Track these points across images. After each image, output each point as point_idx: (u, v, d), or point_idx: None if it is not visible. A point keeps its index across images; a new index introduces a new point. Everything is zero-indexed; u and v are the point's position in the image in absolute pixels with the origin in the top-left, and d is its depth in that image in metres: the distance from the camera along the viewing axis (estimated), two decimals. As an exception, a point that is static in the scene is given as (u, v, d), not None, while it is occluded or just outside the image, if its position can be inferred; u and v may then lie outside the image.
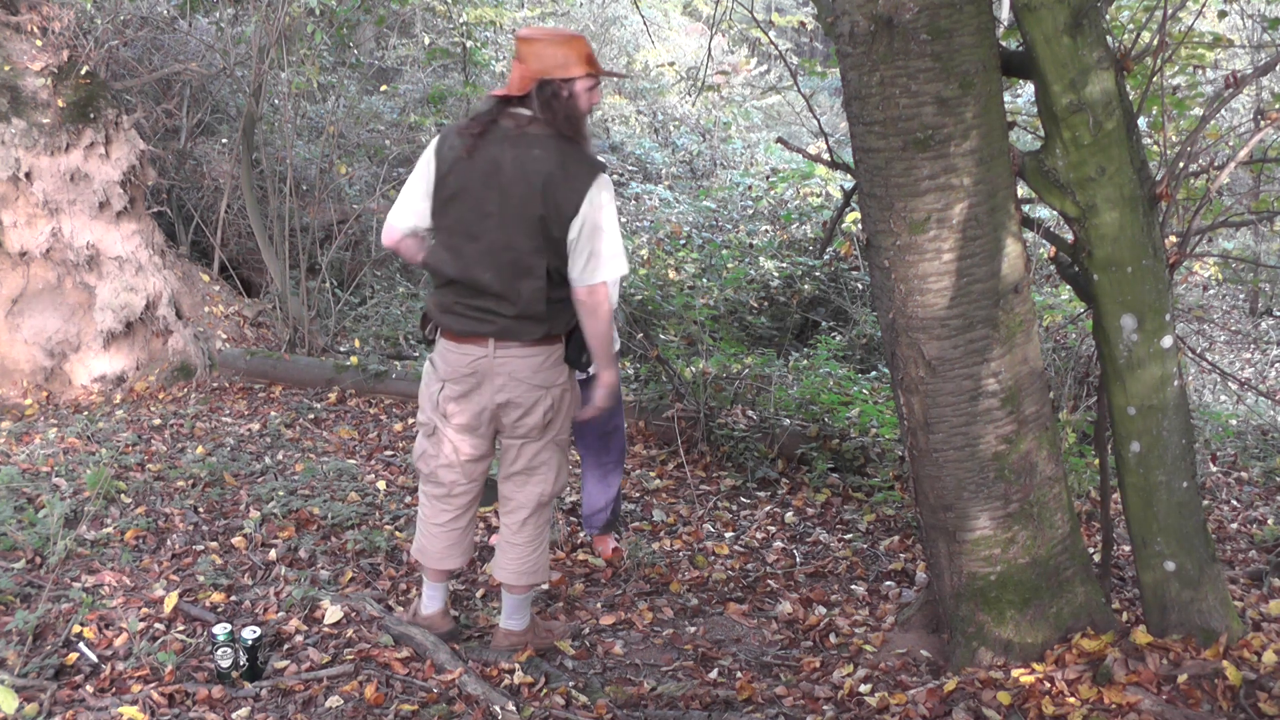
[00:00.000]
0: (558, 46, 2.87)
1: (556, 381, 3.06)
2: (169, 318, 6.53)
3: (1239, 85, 3.12)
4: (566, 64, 2.86)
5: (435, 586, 3.36)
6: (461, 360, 3.01)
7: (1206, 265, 7.23)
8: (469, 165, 2.89)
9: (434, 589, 3.36)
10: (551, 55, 2.86)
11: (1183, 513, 2.96)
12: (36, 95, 6.16)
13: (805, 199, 8.37)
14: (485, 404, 3.04)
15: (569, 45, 2.89)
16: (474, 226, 2.91)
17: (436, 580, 3.35)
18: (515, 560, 3.23)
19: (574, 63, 2.87)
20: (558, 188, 2.84)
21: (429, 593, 3.37)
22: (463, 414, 3.07)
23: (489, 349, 2.97)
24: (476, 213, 2.90)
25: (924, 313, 2.87)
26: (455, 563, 3.30)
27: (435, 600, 3.37)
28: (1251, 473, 5.85)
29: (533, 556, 3.24)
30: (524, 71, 2.87)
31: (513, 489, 3.20)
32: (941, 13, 2.62)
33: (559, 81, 2.86)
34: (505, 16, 10.35)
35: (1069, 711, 2.75)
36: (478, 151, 2.88)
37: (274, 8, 6.77)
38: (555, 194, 2.84)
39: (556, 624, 3.53)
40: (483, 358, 2.99)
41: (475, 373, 3.01)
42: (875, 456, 5.32)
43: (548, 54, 2.86)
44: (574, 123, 2.89)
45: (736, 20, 10.43)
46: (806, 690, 3.17)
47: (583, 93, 2.90)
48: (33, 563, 3.74)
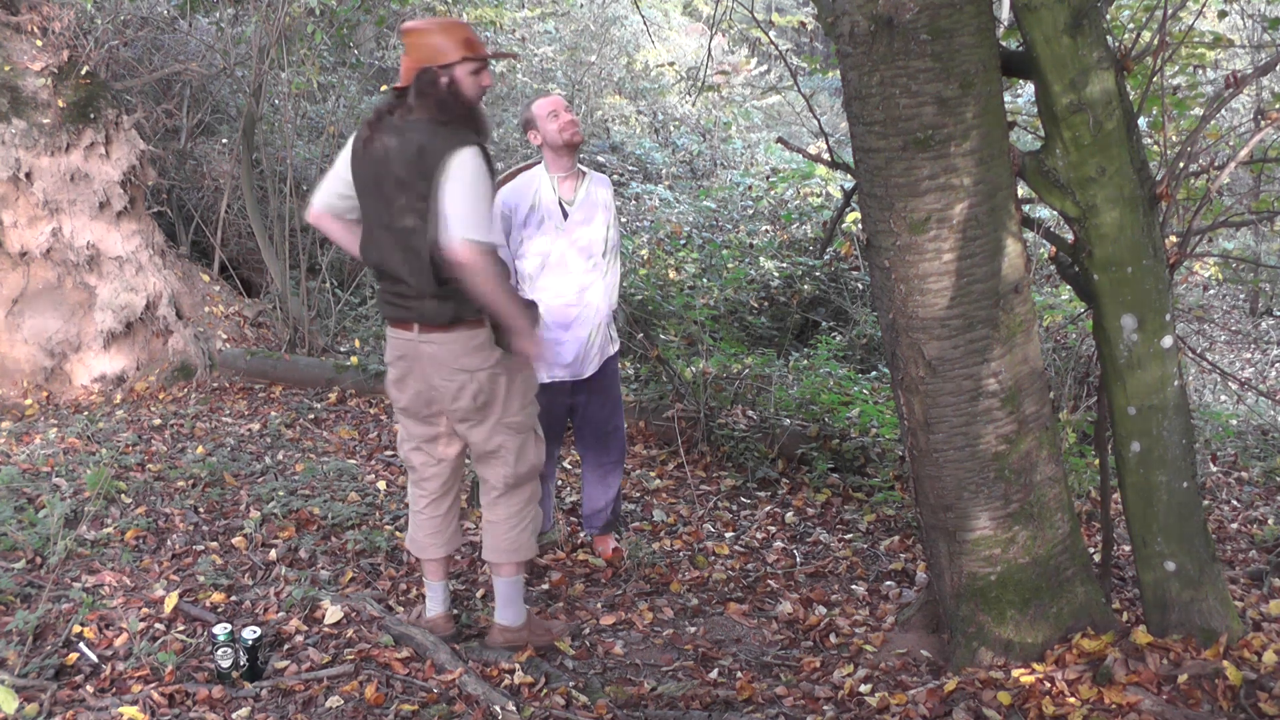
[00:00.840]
0: (435, 35, 2.95)
1: (483, 365, 3.08)
2: (169, 318, 6.53)
3: (1239, 85, 3.12)
4: (443, 51, 2.94)
5: (435, 587, 3.37)
6: (395, 345, 3.14)
7: (1206, 265, 7.23)
8: (365, 156, 3.01)
9: (434, 590, 3.37)
10: (429, 44, 2.94)
11: (1183, 513, 2.96)
12: (36, 95, 6.16)
13: (805, 199, 8.37)
14: (418, 387, 3.14)
15: (446, 32, 2.96)
16: (377, 214, 3.01)
17: (435, 578, 3.37)
18: (493, 536, 3.27)
19: (451, 49, 2.94)
20: (423, 162, 2.90)
21: (430, 594, 3.39)
22: (403, 397, 3.20)
23: (414, 334, 3.06)
24: (376, 201, 3.00)
25: (924, 313, 2.87)
26: (439, 551, 3.34)
27: (437, 603, 3.38)
28: (1251, 473, 5.85)
29: (510, 534, 3.26)
30: (407, 63, 2.97)
31: (481, 469, 3.28)
32: (941, 13, 2.62)
33: (436, 69, 2.94)
34: (505, 16, 10.35)
35: (1069, 711, 2.75)
36: (372, 143, 2.99)
37: (274, 8, 6.77)
38: (422, 168, 2.90)
39: (555, 623, 3.53)
40: (409, 342, 3.08)
41: (405, 356, 3.12)
42: (875, 456, 5.32)
43: (425, 43, 2.94)
44: (447, 107, 2.93)
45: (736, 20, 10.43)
46: (806, 690, 3.17)
47: (465, 78, 2.96)
48: (33, 563, 3.74)
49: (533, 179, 3.87)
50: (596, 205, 3.91)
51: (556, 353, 3.89)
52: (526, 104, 3.93)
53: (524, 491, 3.27)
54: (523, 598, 3.37)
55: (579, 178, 3.90)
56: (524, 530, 3.28)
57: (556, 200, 3.85)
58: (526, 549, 3.30)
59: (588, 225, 3.88)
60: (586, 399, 4.05)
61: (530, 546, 3.31)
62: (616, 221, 4.03)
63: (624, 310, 6.04)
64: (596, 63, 12.94)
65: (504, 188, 3.93)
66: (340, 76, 8.95)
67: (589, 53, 12.87)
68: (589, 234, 3.88)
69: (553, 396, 4.00)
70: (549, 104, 3.81)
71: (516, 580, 3.33)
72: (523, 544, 3.29)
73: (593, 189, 3.91)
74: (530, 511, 3.30)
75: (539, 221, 3.85)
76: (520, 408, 3.18)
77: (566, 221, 3.86)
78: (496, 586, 3.33)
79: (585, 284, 3.91)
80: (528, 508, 3.29)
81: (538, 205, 3.84)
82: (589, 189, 3.90)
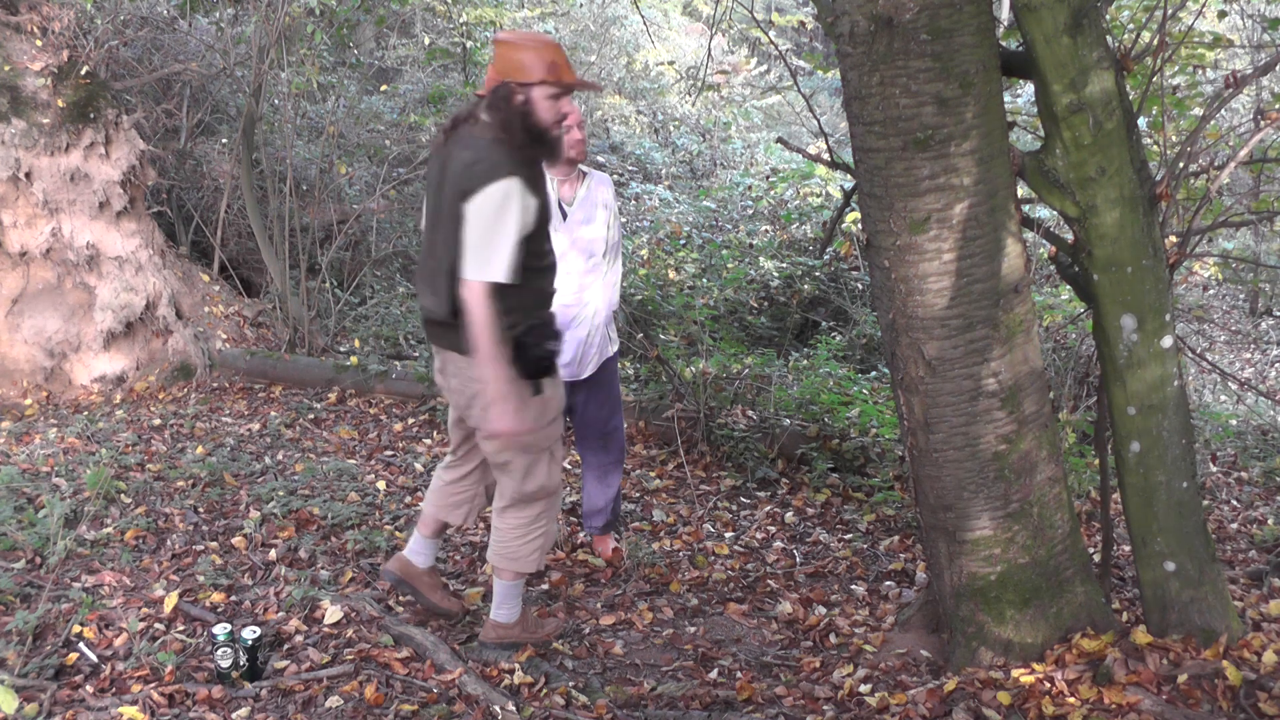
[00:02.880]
0: (524, 51, 2.87)
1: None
2: (169, 318, 6.53)
3: (1239, 85, 3.12)
4: (526, 68, 2.86)
5: (415, 536, 3.46)
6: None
7: (1206, 265, 7.23)
8: (434, 160, 3.01)
9: (414, 538, 3.46)
10: (514, 59, 2.87)
11: (1183, 513, 2.96)
12: (36, 95, 6.16)
13: (805, 199, 8.37)
14: (445, 382, 3.17)
15: (535, 50, 2.88)
16: (431, 219, 3.00)
17: (420, 529, 3.44)
18: (497, 541, 3.27)
19: (535, 68, 2.86)
20: (467, 181, 2.83)
21: (410, 540, 3.47)
22: (440, 378, 3.22)
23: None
24: (433, 206, 2.99)
25: (924, 313, 2.87)
26: (430, 506, 3.42)
27: (411, 550, 3.45)
28: (1251, 473, 5.85)
29: (513, 544, 3.23)
30: (491, 73, 2.92)
31: (496, 474, 3.26)
32: (941, 13, 2.62)
33: (515, 85, 2.87)
34: (505, 16, 10.35)
35: (1069, 711, 2.75)
36: (443, 148, 2.96)
37: (274, 8, 6.77)
38: (464, 187, 2.83)
39: (550, 621, 3.52)
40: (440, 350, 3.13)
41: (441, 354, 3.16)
42: (875, 456, 5.32)
43: (511, 57, 2.87)
44: (512, 127, 2.86)
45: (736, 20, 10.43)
46: (806, 690, 3.17)
47: (541, 100, 2.88)
48: (33, 563, 3.74)
49: None
50: (596, 204, 3.91)
51: None
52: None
53: (533, 508, 3.22)
54: (520, 597, 3.36)
55: (580, 179, 3.91)
56: (529, 543, 3.24)
57: (556, 201, 3.86)
58: (527, 562, 3.26)
59: (588, 224, 3.89)
60: (586, 399, 4.05)
61: (532, 561, 3.26)
62: (618, 221, 4.03)
63: (624, 310, 6.04)
64: (596, 63, 12.94)
65: None
66: (340, 76, 8.95)
67: (589, 53, 12.87)
68: (589, 233, 3.89)
69: (553, 396, 4.01)
70: (573, 113, 3.78)
71: (514, 584, 3.32)
72: (523, 556, 3.25)
73: (593, 188, 3.92)
74: (540, 528, 3.23)
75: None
76: (534, 429, 3.05)
77: (566, 221, 3.86)
78: (494, 584, 3.34)
79: (585, 284, 3.91)
80: (536, 524, 3.23)
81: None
82: (589, 189, 3.91)
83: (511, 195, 2.80)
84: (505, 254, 2.81)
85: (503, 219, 2.80)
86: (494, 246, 2.80)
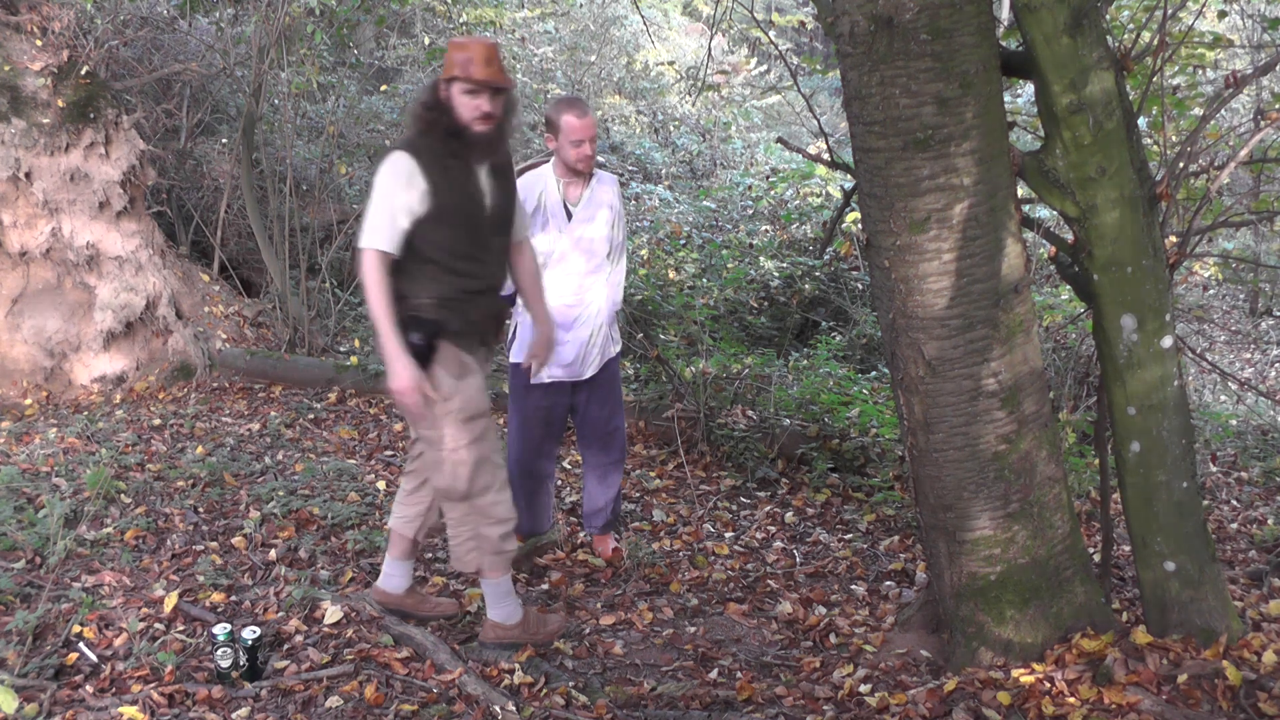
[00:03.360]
0: (453, 50, 2.99)
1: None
2: (169, 318, 6.53)
3: (1239, 85, 3.12)
4: (448, 66, 3.00)
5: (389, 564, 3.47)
6: None
7: (1206, 265, 7.23)
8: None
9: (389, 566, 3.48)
10: (447, 58, 3.00)
11: (1183, 513, 2.96)
12: (36, 95, 6.16)
13: (805, 199, 8.36)
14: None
15: (459, 49, 2.99)
16: None
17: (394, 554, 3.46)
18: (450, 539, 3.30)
19: (452, 65, 2.98)
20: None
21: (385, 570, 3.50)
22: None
23: None
24: None
25: (924, 312, 2.87)
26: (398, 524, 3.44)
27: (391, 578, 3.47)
28: (1251, 473, 5.85)
29: (454, 541, 3.24)
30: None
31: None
32: (941, 13, 2.62)
33: (441, 81, 3.00)
34: (505, 16, 10.35)
35: (1069, 711, 2.75)
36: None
37: (274, 8, 6.77)
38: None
39: (552, 618, 3.50)
40: None
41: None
42: (875, 456, 5.32)
43: (447, 57, 3.01)
44: (418, 119, 3.02)
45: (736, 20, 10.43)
46: (806, 690, 3.17)
47: (458, 95, 3.00)
48: (33, 563, 3.74)
49: (539, 178, 3.88)
50: (600, 204, 3.91)
51: (556, 353, 3.89)
52: (556, 102, 3.89)
53: (454, 509, 3.19)
54: (512, 595, 3.35)
55: (586, 180, 3.91)
56: (460, 543, 3.22)
57: (561, 202, 3.86)
58: (463, 562, 3.24)
59: (590, 224, 3.89)
60: (587, 399, 4.05)
61: (466, 561, 3.23)
62: (623, 221, 4.02)
63: (624, 310, 6.04)
64: (596, 63, 12.94)
65: None
66: (340, 76, 8.95)
67: (589, 53, 12.87)
68: (592, 232, 3.89)
69: (553, 396, 4.00)
70: (580, 129, 3.74)
71: (497, 582, 3.29)
72: (461, 556, 3.23)
73: (598, 189, 3.91)
74: (466, 532, 3.20)
75: (543, 221, 3.86)
76: (440, 426, 3.06)
77: (570, 222, 3.87)
78: (482, 585, 3.35)
79: (587, 284, 3.91)
80: (462, 525, 3.19)
81: (542, 205, 3.85)
82: (594, 190, 3.91)
83: (396, 170, 2.96)
84: (381, 223, 2.96)
85: (382, 189, 2.97)
86: (374, 214, 2.97)
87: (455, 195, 3.04)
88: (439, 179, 3.00)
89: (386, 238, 2.96)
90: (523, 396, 4.02)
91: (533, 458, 4.06)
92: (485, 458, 3.14)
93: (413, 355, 2.98)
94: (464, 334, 3.10)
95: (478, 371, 3.16)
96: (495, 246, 3.19)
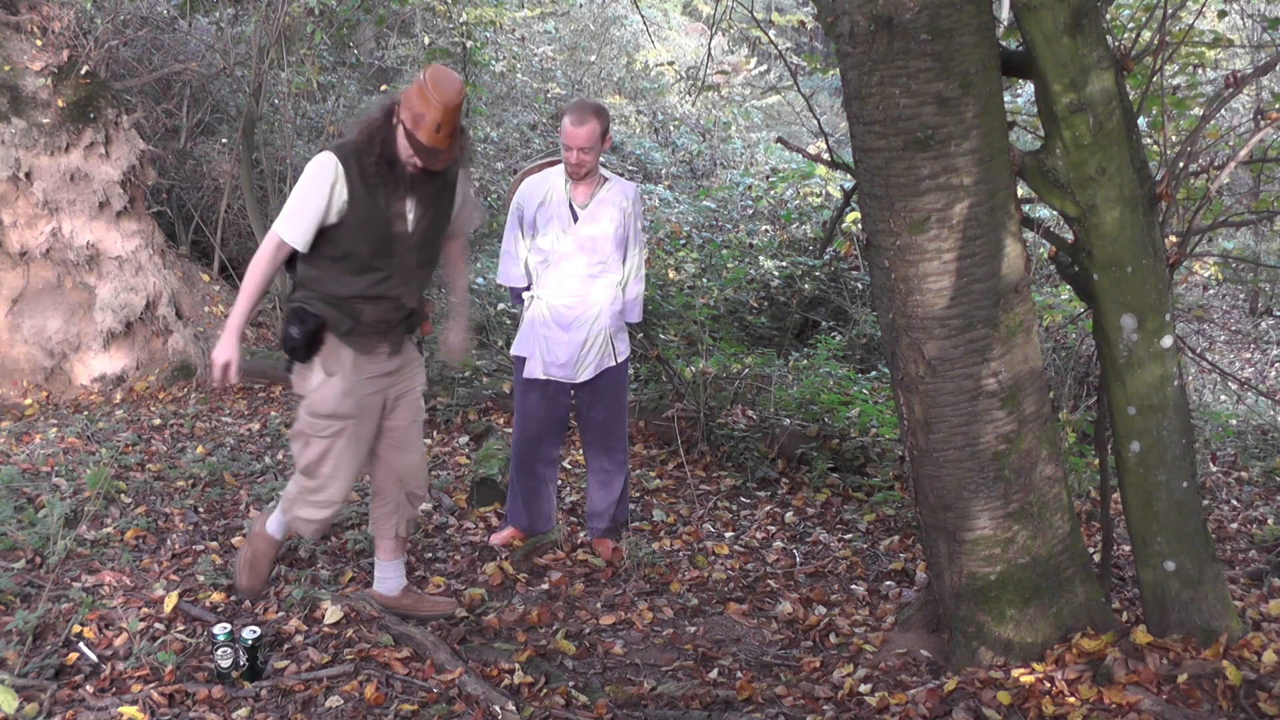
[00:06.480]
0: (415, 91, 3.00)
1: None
2: (169, 317, 6.53)
3: (1239, 85, 3.12)
4: (404, 104, 3.02)
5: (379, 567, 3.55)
6: None
7: (1206, 265, 7.22)
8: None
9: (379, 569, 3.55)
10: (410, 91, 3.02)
11: (1183, 512, 2.96)
12: (36, 95, 6.16)
13: (805, 199, 8.36)
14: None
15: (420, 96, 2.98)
16: None
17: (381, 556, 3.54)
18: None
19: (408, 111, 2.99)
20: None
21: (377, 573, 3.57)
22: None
23: None
24: None
25: (924, 312, 2.87)
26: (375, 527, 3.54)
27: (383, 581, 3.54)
28: (1251, 473, 5.85)
29: (284, 494, 3.43)
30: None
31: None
32: (941, 12, 2.62)
33: (396, 107, 3.05)
34: (505, 16, 10.34)
35: (1069, 711, 2.75)
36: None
37: (274, 8, 6.77)
38: None
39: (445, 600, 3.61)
40: None
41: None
42: (875, 456, 5.32)
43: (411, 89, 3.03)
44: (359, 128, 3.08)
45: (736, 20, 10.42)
46: (806, 690, 3.17)
47: (400, 134, 3.03)
48: (33, 563, 3.74)
49: (549, 177, 3.92)
50: (608, 205, 3.91)
51: (551, 351, 3.92)
52: (574, 102, 3.93)
53: (294, 483, 3.36)
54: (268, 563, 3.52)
55: (598, 183, 3.92)
56: (286, 498, 3.41)
57: (567, 202, 3.88)
58: (282, 514, 3.44)
59: (594, 223, 3.90)
60: (588, 402, 4.06)
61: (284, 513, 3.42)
62: (638, 232, 4.01)
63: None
64: (596, 63, 12.94)
65: (520, 185, 3.98)
66: (340, 76, 8.95)
67: (589, 53, 12.88)
68: (593, 230, 3.89)
69: (552, 395, 4.01)
70: (570, 136, 3.76)
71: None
72: (281, 506, 3.44)
73: (609, 194, 3.92)
74: (293, 492, 3.36)
75: (548, 219, 3.88)
76: (304, 408, 3.22)
77: (575, 223, 3.88)
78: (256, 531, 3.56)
79: (589, 285, 3.91)
80: (292, 486, 3.37)
81: (548, 202, 3.87)
82: (604, 194, 3.91)
83: (324, 173, 3.03)
84: (294, 216, 3.05)
85: (305, 186, 3.05)
86: (291, 205, 3.07)
87: (373, 213, 3.09)
88: (361, 195, 3.05)
89: (295, 231, 3.07)
90: (522, 392, 4.04)
91: (530, 455, 4.07)
92: (330, 454, 3.24)
93: (291, 346, 3.14)
94: (355, 334, 3.17)
95: (352, 376, 3.19)
96: (409, 264, 3.20)
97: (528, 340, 3.98)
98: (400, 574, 3.53)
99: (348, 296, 3.13)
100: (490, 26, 10.18)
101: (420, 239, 3.20)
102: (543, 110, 11.49)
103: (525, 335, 4.00)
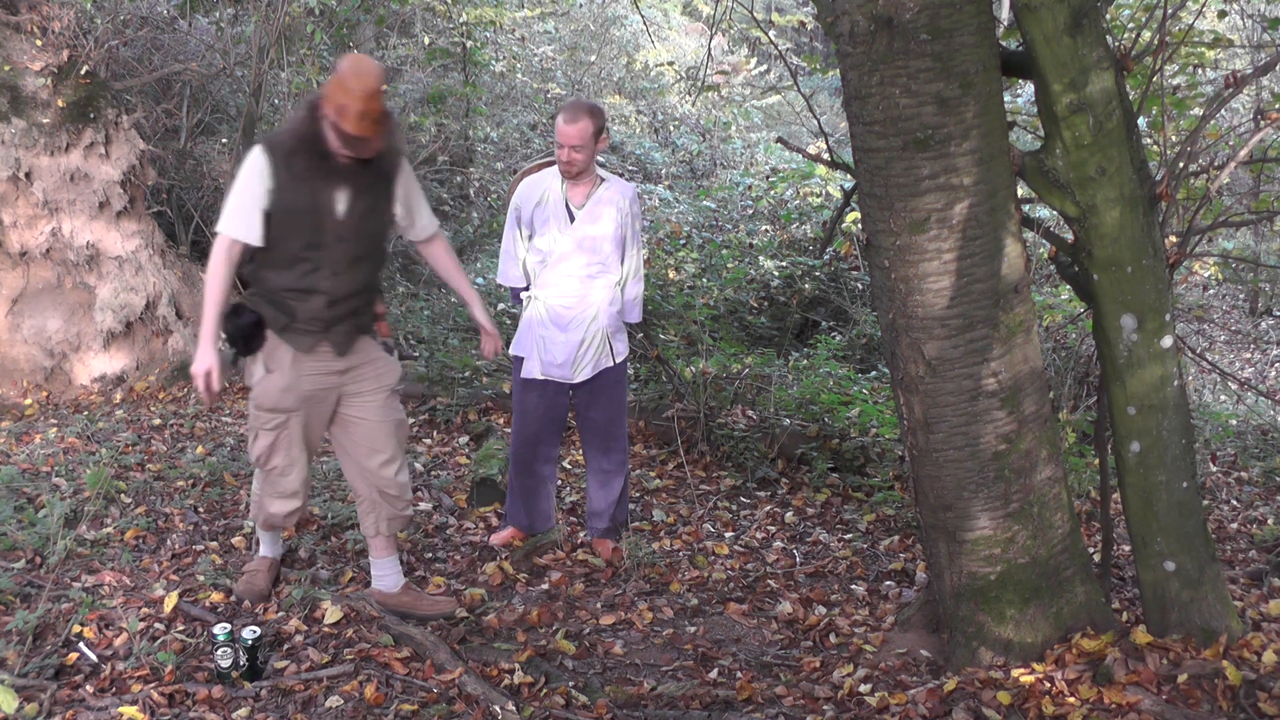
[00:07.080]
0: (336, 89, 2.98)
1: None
2: (169, 317, 6.53)
3: (1239, 85, 3.12)
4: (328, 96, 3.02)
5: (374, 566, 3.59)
6: None
7: (1206, 265, 7.22)
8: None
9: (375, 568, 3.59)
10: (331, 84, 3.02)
11: (1183, 513, 2.96)
12: (36, 95, 6.16)
13: (805, 199, 8.36)
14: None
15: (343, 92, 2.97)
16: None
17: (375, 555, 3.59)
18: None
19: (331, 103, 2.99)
20: None
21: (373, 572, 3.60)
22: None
23: None
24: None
25: (924, 312, 2.87)
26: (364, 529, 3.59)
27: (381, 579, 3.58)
28: (1251, 473, 5.85)
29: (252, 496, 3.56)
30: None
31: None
32: (941, 12, 2.62)
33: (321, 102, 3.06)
34: (505, 16, 10.34)
35: (1069, 711, 2.75)
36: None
37: (274, 8, 6.77)
38: None
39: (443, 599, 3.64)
40: None
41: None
42: (875, 456, 5.32)
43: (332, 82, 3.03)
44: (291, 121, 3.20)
45: (736, 20, 10.42)
46: (806, 690, 3.17)
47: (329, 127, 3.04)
48: (33, 563, 3.74)
49: (546, 177, 3.93)
50: (605, 204, 3.91)
51: (548, 351, 3.92)
52: (569, 103, 3.96)
53: (257, 476, 3.46)
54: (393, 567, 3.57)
55: (594, 184, 3.92)
56: (254, 499, 3.52)
57: (564, 202, 3.88)
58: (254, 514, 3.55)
59: (595, 224, 3.90)
60: (586, 403, 4.06)
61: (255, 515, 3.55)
62: (637, 232, 4.02)
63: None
64: (596, 63, 12.94)
65: (518, 185, 3.99)
66: (340, 76, 8.92)
67: (589, 53, 12.87)
68: (592, 231, 3.89)
69: (551, 394, 4.01)
70: (562, 134, 3.77)
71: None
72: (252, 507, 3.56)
73: (605, 194, 3.92)
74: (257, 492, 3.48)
75: (545, 219, 3.88)
76: (250, 401, 3.33)
77: (573, 223, 3.88)
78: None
79: (587, 285, 3.91)
80: (255, 485, 3.50)
81: (544, 202, 3.88)
82: (602, 193, 3.91)
83: (253, 165, 3.09)
84: (233, 211, 3.12)
85: (239, 180, 3.12)
86: (231, 202, 3.13)
87: (299, 200, 3.11)
88: (285, 182, 3.09)
89: (239, 225, 3.12)
90: (520, 392, 4.05)
91: (529, 454, 4.07)
92: (279, 445, 3.33)
93: (230, 340, 3.21)
94: (291, 331, 3.21)
95: (291, 373, 3.24)
96: (340, 255, 3.20)
97: (525, 340, 3.98)
98: (395, 570, 3.53)
99: (280, 289, 3.19)
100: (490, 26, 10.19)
101: (353, 230, 3.19)
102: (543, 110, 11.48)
103: (523, 335, 4.00)
